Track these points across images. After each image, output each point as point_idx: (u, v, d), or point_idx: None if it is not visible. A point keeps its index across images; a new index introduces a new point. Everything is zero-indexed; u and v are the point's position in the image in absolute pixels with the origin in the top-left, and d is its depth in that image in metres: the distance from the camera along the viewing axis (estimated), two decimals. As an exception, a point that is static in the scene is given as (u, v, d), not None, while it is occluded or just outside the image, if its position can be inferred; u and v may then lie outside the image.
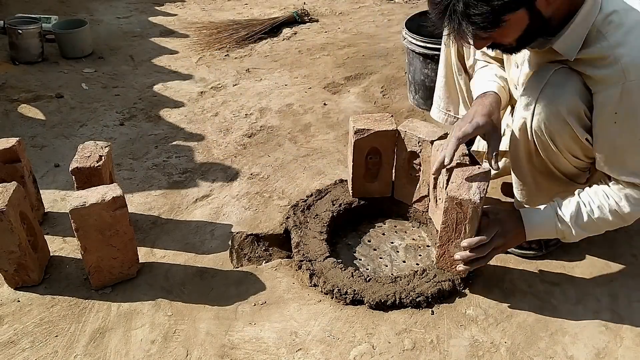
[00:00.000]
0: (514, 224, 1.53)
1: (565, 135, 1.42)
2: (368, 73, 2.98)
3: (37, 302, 1.60)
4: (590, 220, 1.46)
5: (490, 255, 1.53)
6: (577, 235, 1.49)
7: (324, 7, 4.08)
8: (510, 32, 1.31)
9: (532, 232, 1.52)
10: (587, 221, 1.46)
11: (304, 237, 1.80)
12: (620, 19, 1.30)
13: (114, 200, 1.51)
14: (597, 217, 1.45)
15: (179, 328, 1.52)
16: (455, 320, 1.53)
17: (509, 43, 1.36)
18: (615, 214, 1.43)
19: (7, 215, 1.49)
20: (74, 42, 3.23)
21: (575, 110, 1.38)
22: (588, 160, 1.49)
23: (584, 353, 1.44)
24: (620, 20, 1.30)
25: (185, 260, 1.76)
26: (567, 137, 1.42)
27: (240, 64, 3.19)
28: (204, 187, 2.10)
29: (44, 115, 2.61)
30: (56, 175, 2.18)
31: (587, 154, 1.46)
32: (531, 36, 1.34)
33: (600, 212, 1.44)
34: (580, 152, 1.46)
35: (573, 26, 1.33)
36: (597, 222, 1.46)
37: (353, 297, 1.58)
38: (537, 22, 1.30)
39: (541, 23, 1.31)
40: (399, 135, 1.80)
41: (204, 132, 2.49)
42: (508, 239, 1.53)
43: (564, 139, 1.43)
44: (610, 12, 1.31)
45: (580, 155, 1.47)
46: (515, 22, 1.28)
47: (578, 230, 1.47)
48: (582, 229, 1.47)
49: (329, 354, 1.44)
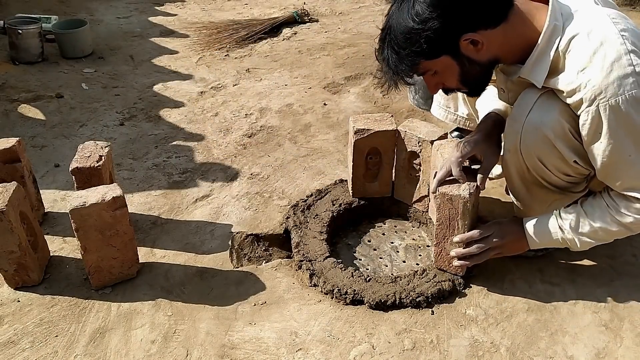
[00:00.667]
0: (514, 229, 1.55)
1: (554, 157, 1.43)
2: (368, 73, 2.98)
3: (37, 302, 1.60)
4: (593, 230, 1.46)
5: (486, 254, 1.55)
6: (581, 245, 1.49)
7: (324, 7, 4.08)
8: (447, 78, 1.40)
9: (534, 241, 1.53)
10: (589, 231, 1.46)
11: (304, 237, 1.80)
12: (583, 42, 1.29)
13: (114, 200, 1.51)
14: (599, 226, 1.45)
15: (179, 328, 1.52)
16: (455, 320, 1.53)
17: (456, 87, 1.43)
18: (619, 223, 1.43)
19: (7, 215, 1.49)
20: (74, 42, 3.23)
21: (561, 133, 1.38)
22: (580, 176, 1.49)
23: (584, 353, 1.44)
24: (583, 44, 1.29)
25: (185, 260, 1.76)
26: (556, 159, 1.43)
27: (240, 64, 3.19)
28: (204, 187, 2.10)
29: (44, 115, 2.61)
30: (56, 175, 2.18)
31: (578, 172, 1.47)
32: (475, 79, 1.41)
33: (602, 221, 1.44)
34: (571, 171, 1.46)
35: (536, 56, 1.36)
36: (600, 231, 1.45)
37: (353, 297, 1.58)
38: (471, 66, 1.36)
39: (477, 66, 1.36)
40: (399, 135, 1.80)
41: (204, 132, 2.49)
42: (506, 241, 1.54)
43: (554, 161, 1.44)
44: (573, 36, 1.31)
45: (571, 172, 1.47)
46: (445, 68, 1.36)
47: (582, 239, 1.48)
48: (587, 238, 1.47)
49: (329, 354, 1.44)
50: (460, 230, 1.55)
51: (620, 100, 1.25)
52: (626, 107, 1.26)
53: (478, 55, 1.35)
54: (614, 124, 1.28)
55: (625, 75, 1.25)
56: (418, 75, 1.43)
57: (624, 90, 1.25)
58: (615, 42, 1.26)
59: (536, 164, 1.46)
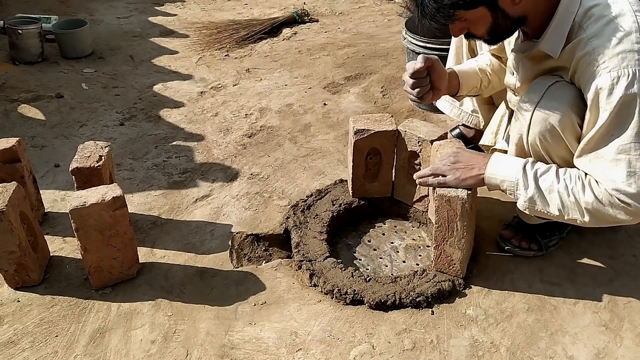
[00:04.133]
0: (478, 158, 1.53)
1: (561, 149, 1.43)
2: (368, 73, 2.98)
3: (37, 302, 1.60)
4: (551, 188, 1.39)
5: (440, 169, 1.56)
6: (528, 197, 1.41)
7: (324, 7, 4.08)
8: (476, 27, 1.40)
9: (492, 170, 1.48)
10: (548, 187, 1.39)
11: (304, 237, 1.80)
12: (600, 12, 1.32)
13: (114, 200, 1.51)
14: (559, 188, 1.38)
15: (179, 328, 1.52)
16: (455, 320, 1.53)
17: (481, 35, 1.44)
18: (576, 196, 1.36)
19: (7, 215, 1.49)
20: (74, 42, 3.23)
21: (569, 125, 1.39)
22: None
23: (584, 353, 1.44)
24: (600, 13, 1.32)
25: (185, 260, 1.76)
26: (562, 150, 1.44)
27: (240, 64, 3.19)
28: (204, 187, 2.10)
29: (44, 115, 2.61)
30: (56, 175, 2.18)
31: None
32: (501, 32, 1.42)
33: (564, 185, 1.38)
34: None
35: (554, 25, 1.38)
36: (555, 193, 1.39)
37: (353, 297, 1.58)
38: (503, 20, 1.37)
39: (508, 21, 1.38)
40: (399, 135, 1.80)
41: (204, 132, 2.49)
42: (465, 164, 1.53)
43: (560, 152, 1.44)
44: (591, 6, 1.34)
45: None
46: (478, 19, 1.37)
47: (533, 190, 1.41)
48: (537, 192, 1.40)
49: (329, 354, 1.44)
50: (459, 232, 1.54)
51: (622, 74, 1.26)
52: (625, 83, 1.26)
53: (513, 9, 1.35)
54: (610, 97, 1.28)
55: (632, 50, 1.27)
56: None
57: (627, 64, 1.26)
58: (629, 18, 1.29)
59: (541, 154, 1.46)
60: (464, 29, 1.43)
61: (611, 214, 1.34)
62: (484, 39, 1.47)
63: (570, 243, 1.77)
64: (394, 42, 3.33)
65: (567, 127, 1.39)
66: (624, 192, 1.30)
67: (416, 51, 2.47)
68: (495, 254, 1.74)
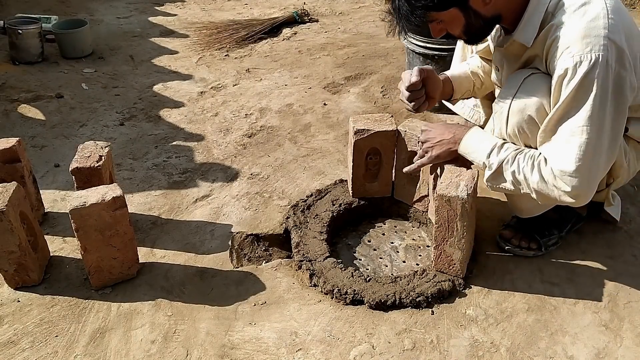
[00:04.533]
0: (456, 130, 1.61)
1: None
2: (368, 73, 2.98)
3: (37, 302, 1.60)
4: (506, 166, 1.46)
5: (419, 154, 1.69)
6: (492, 176, 1.49)
7: (324, 7, 4.08)
8: (452, 27, 1.45)
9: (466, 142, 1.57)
10: (505, 164, 1.47)
11: (304, 237, 1.80)
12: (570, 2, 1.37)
13: (114, 200, 1.51)
14: (513, 166, 1.45)
15: (179, 328, 1.52)
16: (455, 320, 1.53)
17: (458, 35, 1.49)
18: (525, 175, 1.44)
19: (7, 215, 1.49)
20: (74, 42, 3.23)
21: (545, 115, 1.42)
22: None
23: (584, 353, 1.44)
24: (572, 1, 1.36)
25: (185, 260, 1.76)
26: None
27: (240, 64, 3.19)
28: (204, 187, 2.10)
29: (44, 115, 2.61)
30: (56, 175, 2.18)
31: None
32: (477, 31, 1.48)
33: (517, 164, 1.45)
34: None
35: (527, 16, 1.43)
36: (508, 172, 1.46)
37: (353, 297, 1.58)
38: (476, 20, 1.42)
39: (482, 20, 1.43)
40: (399, 135, 1.80)
41: (204, 132, 2.49)
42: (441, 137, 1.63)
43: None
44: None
45: None
46: (452, 19, 1.42)
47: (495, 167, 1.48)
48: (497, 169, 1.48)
49: (329, 354, 1.44)
50: (459, 232, 1.54)
51: (584, 58, 1.30)
52: (587, 67, 1.30)
53: (484, 9, 1.41)
54: (571, 81, 1.32)
55: (597, 35, 1.30)
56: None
57: (591, 49, 1.30)
58: (599, 5, 1.34)
59: (520, 144, 1.50)
60: (443, 30, 1.48)
61: (555, 195, 1.41)
62: (462, 39, 1.53)
63: (570, 243, 1.77)
64: (394, 42, 3.33)
65: (544, 117, 1.42)
66: (568, 172, 1.37)
67: (416, 51, 2.48)
68: (495, 254, 1.74)
